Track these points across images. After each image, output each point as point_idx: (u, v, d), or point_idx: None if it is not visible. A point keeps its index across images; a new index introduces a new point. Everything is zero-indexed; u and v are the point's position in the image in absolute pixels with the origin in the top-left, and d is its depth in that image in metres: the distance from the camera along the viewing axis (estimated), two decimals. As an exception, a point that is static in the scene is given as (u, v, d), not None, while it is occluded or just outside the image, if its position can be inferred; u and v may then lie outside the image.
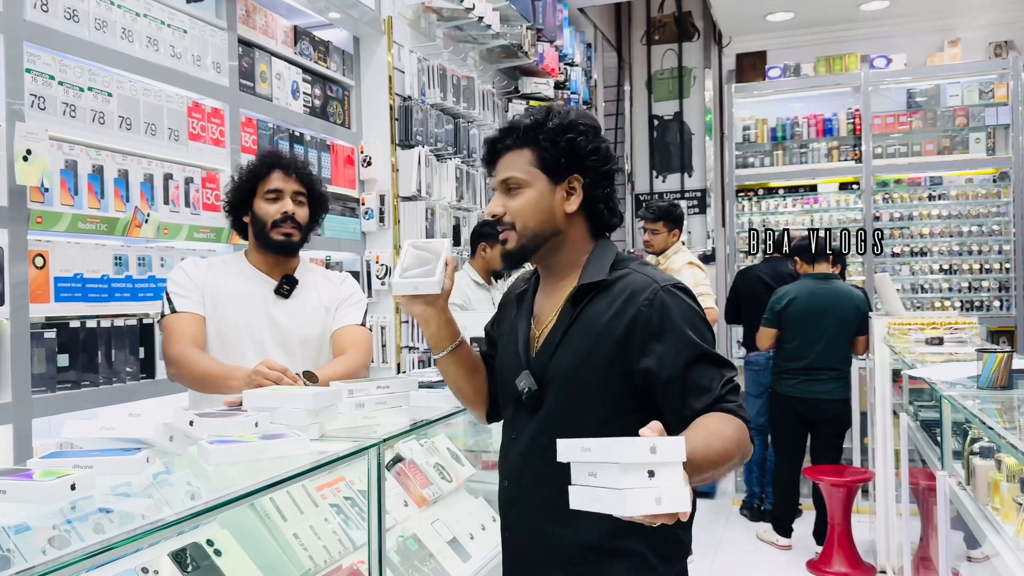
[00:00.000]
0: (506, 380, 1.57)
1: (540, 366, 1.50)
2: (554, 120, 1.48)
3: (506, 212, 1.51)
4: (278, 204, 2.26)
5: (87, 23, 2.60)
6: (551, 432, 1.35)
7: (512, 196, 1.50)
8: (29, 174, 2.29)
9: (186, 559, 1.58)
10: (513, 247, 1.51)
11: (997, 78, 6.98)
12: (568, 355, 1.47)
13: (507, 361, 1.58)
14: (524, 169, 1.49)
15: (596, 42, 7.34)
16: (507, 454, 1.58)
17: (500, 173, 1.52)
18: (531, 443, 1.51)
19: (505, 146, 1.52)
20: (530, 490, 1.53)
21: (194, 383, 2.21)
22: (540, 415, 1.50)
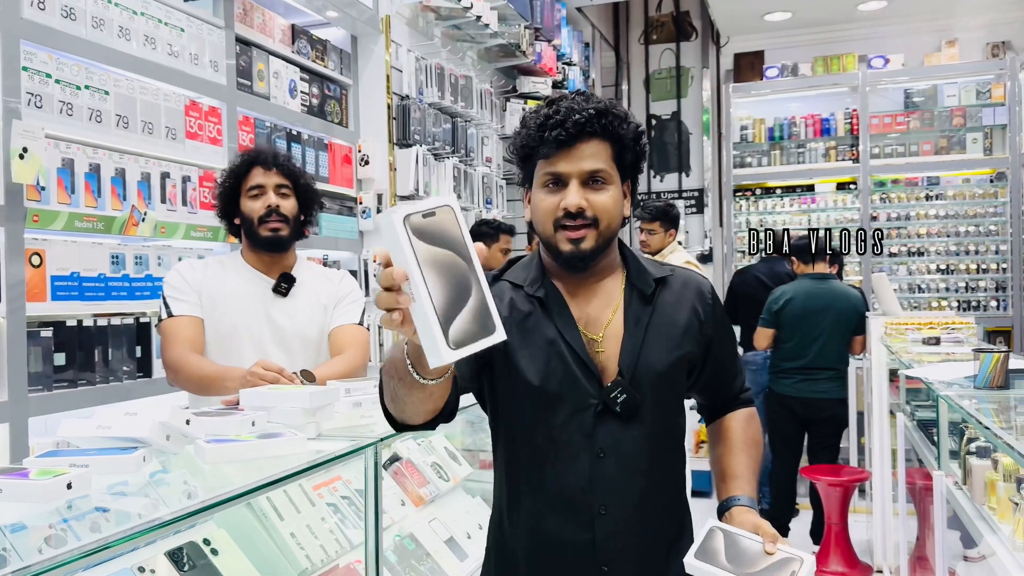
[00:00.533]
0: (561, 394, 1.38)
1: (628, 367, 1.38)
2: (630, 118, 1.40)
3: (590, 207, 1.35)
4: (261, 200, 2.26)
5: (84, 21, 2.59)
6: (648, 440, 1.40)
7: (595, 191, 1.36)
8: (25, 172, 2.28)
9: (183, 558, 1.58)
10: (591, 247, 1.36)
11: (994, 78, 6.99)
12: (658, 352, 1.40)
13: (557, 373, 1.38)
14: (608, 163, 1.37)
15: (594, 41, 7.34)
16: (590, 479, 1.37)
17: (585, 162, 1.35)
18: (631, 457, 1.39)
19: (592, 130, 1.34)
20: (631, 512, 1.39)
21: (192, 387, 2.21)
22: (637, 424, 1.39)
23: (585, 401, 1.38)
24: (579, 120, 1.33)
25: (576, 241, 1.36)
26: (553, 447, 1.39)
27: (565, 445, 1.38)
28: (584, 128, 1.34)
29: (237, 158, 2.36)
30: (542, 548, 1.41)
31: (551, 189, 1.37)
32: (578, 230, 1.35)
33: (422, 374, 1.10)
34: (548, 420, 1.39)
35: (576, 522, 1.38)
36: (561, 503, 1.39)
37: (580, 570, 1.39)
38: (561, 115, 1.34)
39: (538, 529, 1.41)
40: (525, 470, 1.43)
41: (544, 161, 1.37)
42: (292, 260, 2.39)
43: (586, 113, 1.34)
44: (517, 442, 1.44)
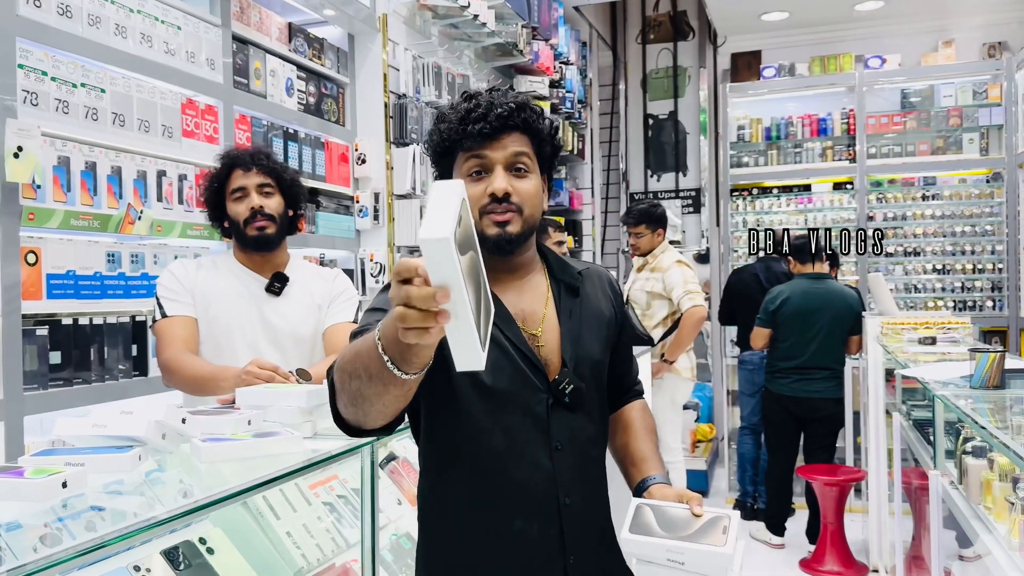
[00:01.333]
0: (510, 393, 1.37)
1: (571, 358, 1.42)
2: (545, 115, 1.44)
3: (515, 193, 1.37)
4: (245, 202, 2.26)
5: (80, 19, 2.58)
6: (592, 427, 1.45)
7: (519, 178, 1.38)
8: (20, 171, 2.27)
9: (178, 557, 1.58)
10: (517, 231, 1.37)
11: (991, 79, 7.00)
12: (591, 341, 1.46)
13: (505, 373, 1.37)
14: (529, 153, 1.40)
15: (591, 41, 7.34)
16: (551, 473, 1.38)
17: (509, 147, 1.37)
18: (583, 446, 1.43)
19: (515, 123, 1.38)
20: (590, 500, 1.44)
21: (187, 387, 2.20)
22: (581, 413, 1.42)
23: (536, 396, 1.39)
24: (501, 113, 1.36)
25: (503, 224, 1.37)
26: (512, 446, 1.38)
27: (524, 443, 1.38)
28: (507, 121, 1.37)
29: (217, 162, 2.36)
30: (509, 548, 1.38)
31: (475, 178, 1.38)
32: (503, 214, 1.36)
33: (405, 370, 1.04)
34: (503, 420, 1.38)
35: (543, 516, 1.39)
36: (527, 500, 1.38)
37: (549, 563, 1.39)
38: (483, 108, 1.37)
39: (505, 531, 1.38)
40: (484, 476, 1.39)
41: (466, 152, 1.39)
42: (284, 259, 2.39)
43: (507, 107, 1.37)
44: (468, 448, 1.39)
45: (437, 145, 1.43)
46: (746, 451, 5.43)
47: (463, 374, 1.17)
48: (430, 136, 1.45)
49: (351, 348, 1.15)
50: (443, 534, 1.44)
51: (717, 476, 6.21)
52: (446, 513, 1.44)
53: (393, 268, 1.03)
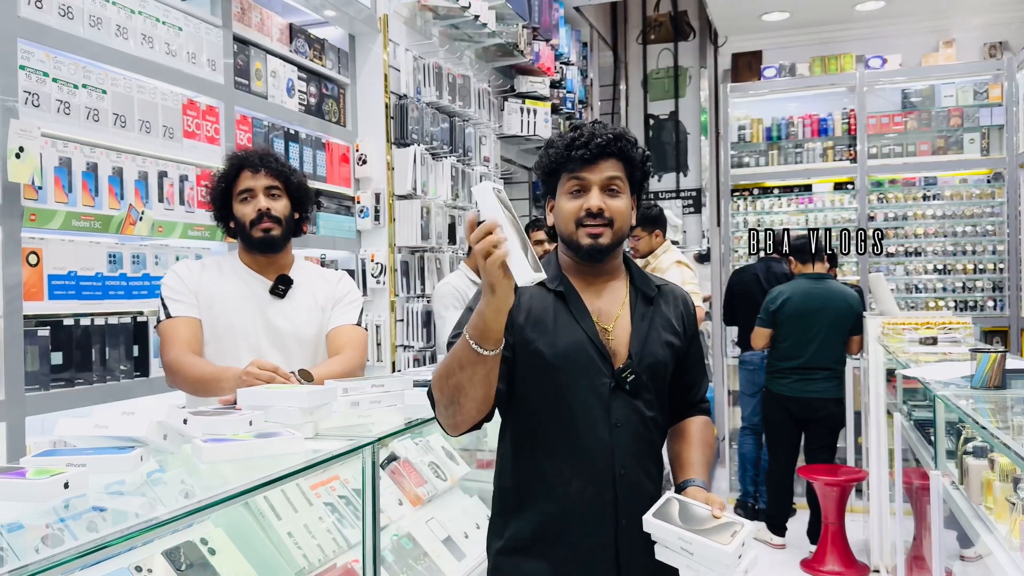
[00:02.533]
0: (579, 375, 1.62)
1: (637, 353, 1.65)
2: (639, 145, 1.70)
3: (608, 209, 1.63)
4: (252, 203, 2.26)
5: (81, 20, 2.59)
6: (651, 412, 1.67)
7: (612, 197, 1.64)
8: (21, 171, 2.28)
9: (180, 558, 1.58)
10: (607, 243, 1.64)
11: (991, 79, 7.00)
12: (657, 343, 1.68)
13: (576, 357, 1.62)
14: (622, 176, 1.66)
15: (592, 41, 7.34)
16: (610, 446, 1.61)
17: (604, 171, 1.63)
18: (639, 427, 1.65)
19: (611, 151, 1.64)
20: (640, 472, 1.65)
21: (189, 388, 2.21)
22: (640, 400, 1.65)
23: (600, 379, 1.62)
24: (600, 142, 1.63)
25: (595, 236, 1.63)
26: (577, 419, 1.62)
27: (587, 417, 1.62)
28: (604, 149, 1.63)
29: (226, 162, 2.36)
30: (569, 510, 1.61)
31: (575, 195, 1.65)
32: (597, 227, 1.63)
33: (486, 347, 1.42)
34: (571, 396, 1.62)
35: (600, 482, 1.61)
36: (587, 466, 1.61)
37: (603, 524, 1.61)
38: (586, 137, 1.63)
39: (559, 492, 1.61)
40: (549, 441, 1.63)
41: (569, 174, 1.65)
42: (289, 260, 2.39)
43: (606, 136, 1.63)
44: (541, 416, 1.64)
45: (546, 167, 1.70)
46: (747, 451, 5.43)
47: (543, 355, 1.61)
48: (540, 158, 1.72)
49: (447, 355, 1.51)
50: (514, 491, 1.67)
51: (718, 476, 6.21)
52: (519, 474, 1.67)
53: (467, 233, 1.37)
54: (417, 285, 4.41)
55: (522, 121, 5.58)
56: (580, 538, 1.62)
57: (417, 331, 4.33)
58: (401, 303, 4.25)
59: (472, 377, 1.46)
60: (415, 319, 4.34)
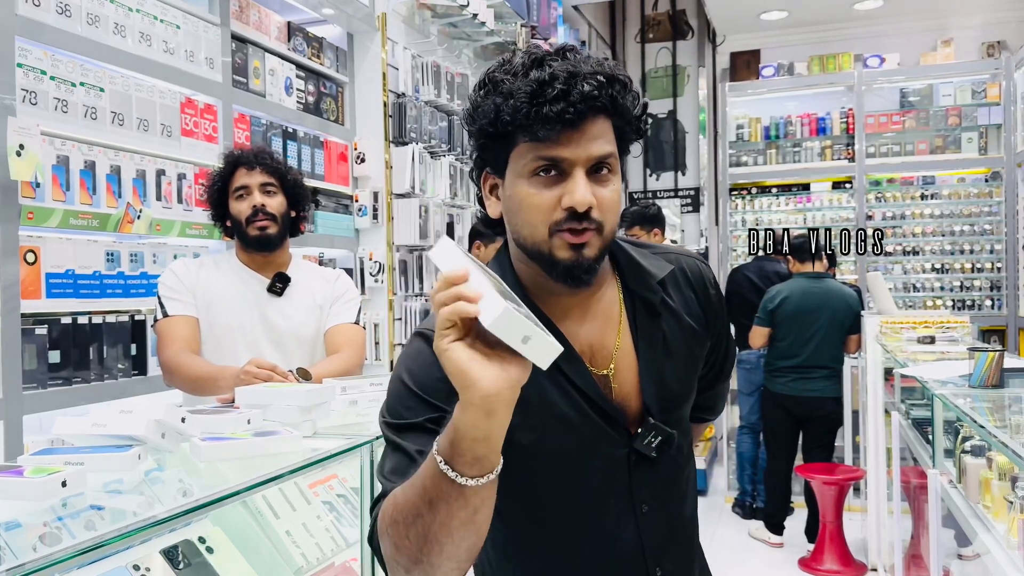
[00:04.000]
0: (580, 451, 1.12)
1: (653, 399, 1.13)
2: (632, 85, 1.07)
3: (598, 205, 1.04)
4: (247, 200, 2.26)
5: (79, 18, 2.58)
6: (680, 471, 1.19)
7: (601, 184, 1.05)
8: (22, 169, 2.27)
9: (178, 556, 1.57)
10: (595, 255, 1.06)
11: (989, 78, 7.01)
12: (677, 372, 1.17)
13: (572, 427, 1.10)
14: (613, 147, 1.06)
15: (590, 40, 7.34)
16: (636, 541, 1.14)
17: (593, 141, 1.02)
18: (674, 505, 1.19)
19: (602, 105, 1.02)
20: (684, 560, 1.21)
21: (187, 387, 2.20)
22: (667, 461, 1.16)
23: (614, 453, 1.13)
24: (589, 92, 1.00)
25: (579, 247, 1.04)
26: (590, 518, 1.14)
27: (604, 512, 1.13)
28: (594, 102, 1.01)
29: (220, 160, 2.36)
30: None
31: (544, 180, 1.04)
32: (582, 234, 1.03)
33: (461, 471, 0.86)
34: (576, 489, 1.13)
35: None
36: (613, 569, 1.15)
37: None
38: (562, 82, 0.99)
39: None
40: (555, 554, 1.15)
41: (534, 143, 1.02)
42: (286, 259, 2.39)
43: (595, 80, 1.00)
44: (536, 526, 1.15)
45: (489, 125, 1.05)
46: (745, 450, 5.43)
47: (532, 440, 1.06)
48: (475, 110, 1.09)
49: (404, 488, 0.93)
50: None
51: (716, 475, 6.21)
52: None
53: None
54: (415, 284, 4.41)
55: (520, 120, 5.57)
56: None
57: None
58: (399, 302, 4.25)
59: (449, 521, 0.88)
60: (413, 318, 4.33)
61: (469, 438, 0.85)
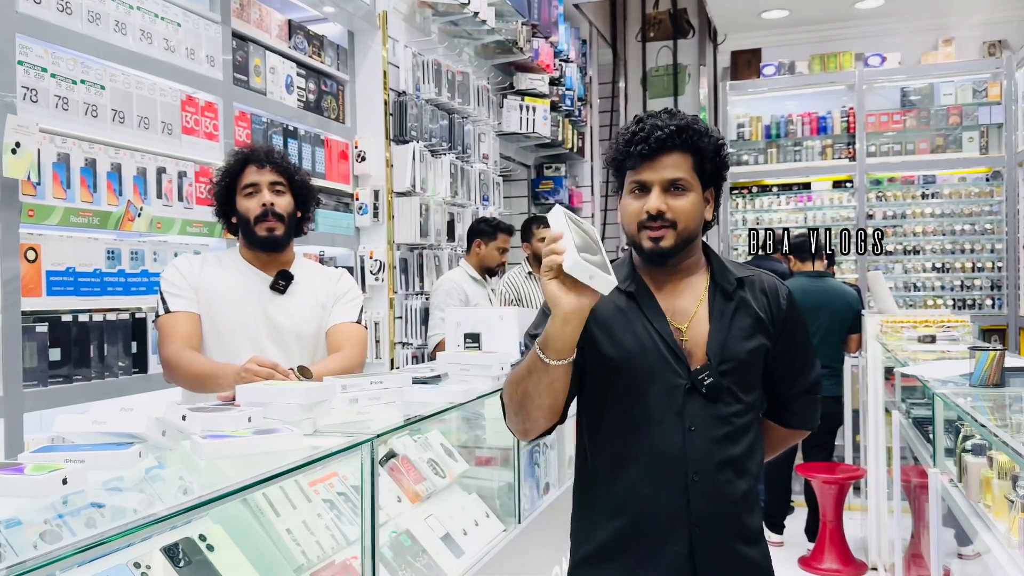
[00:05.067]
0: (652, 375, 1.55)
1: (715, 354, 1.55)
2: (711, 133, 1.58)
3: (669, 210, 1.54)
4: (256, 198, 2.26)
5: (80, 15, 2.58)
6: (732, 418, 1.56)
7: (675, 196, 1.55)
8: (17, 167, 2.27)
9: (178, 554, 1.57)
10: (670, 245, 1.55)
11: (990, 77, 7.01)
12: (739, 342, 1.58)
13: (649, 357, 1.56)
14: (688, 172, 1.55)
15: (591, 38, 7.34)
16: (683, 449, 1.53)
17: (665, 171, 1.54)
18: (716, 432, 1.55)
19: (673, 144, 1.54)
20: (719, 480, 1.55)
21: (187, 384, 2.20)
22: (721, 403, 1.55)
23: (674, 382, 1.55)
24: (660, 136, 1.52)
25: (656, 239, 1.55)
26: (648, 420, 1.55)
27: (659, 420, 1.54)
28: (665, 143, 1.53)
29: (231, 156, 2.35)
30: (642, 513, 1.55)
31: (637, 195, 1.57)
32: (657, 230, 1.54)
33: (547, 355, 1.42)
34: (642, 396, 1.55)
35: (671, 488, 1.54)
36: (656, 471, 1.54)
37: (675, 533, 1.54)
38: (645, 132, 1.54)
39: (634, 495, 1.56)
40: (622, 443, 1.58)
41: (631, 171, 1.57)
42: (290, 257, 2.39)
43: (668, 129, 1.53)
44: (612, 419, 1.59)
45: (611, 162, 1.63)
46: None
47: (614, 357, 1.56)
48: (607, 151, 1.64)
49: (517, 367, 1.53)
50: (588, 495, 1.64)
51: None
52: (592, 477, 1.63)
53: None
54: (416, 282, 4.41)
55: (521, 118, 5.58)
56: (654, 547, 1.55)
57: (416, 328, 4.33)
58: (400, 300, 4.25)
59: (537, 385, 1.45)
60: (414, 316, 4.33)
61: (554, 337, 1.41)
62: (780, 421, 1.75)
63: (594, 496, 1.62)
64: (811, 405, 1.74)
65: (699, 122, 1.58)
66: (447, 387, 2.17)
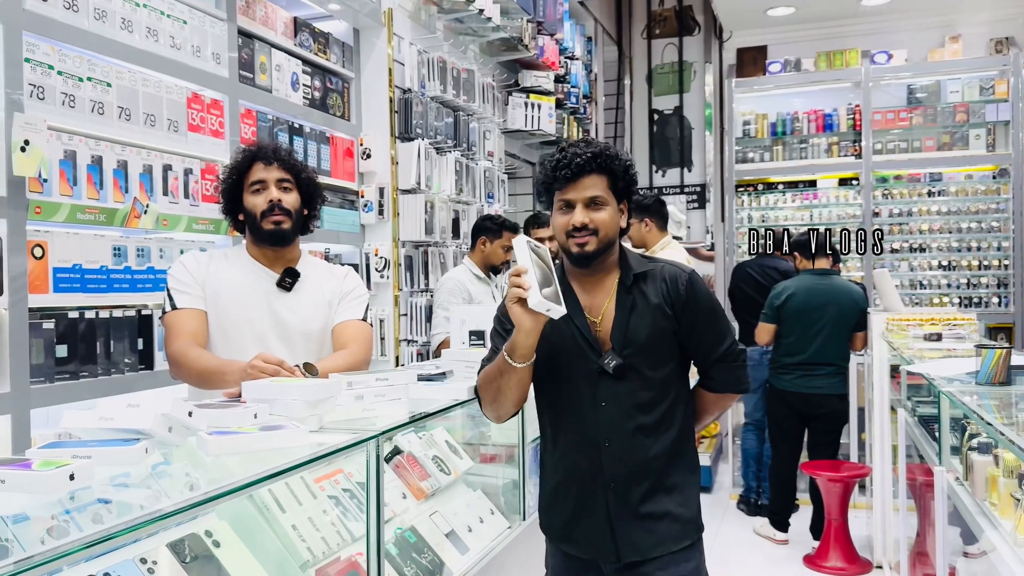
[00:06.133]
0: (573, 363, 1.87)
1: (618, 341, 1.85)
2: (621, 156, 1.89)
3: (591, 222, 1.84)
4: (263, 195, 2.26)
5: (86, 13, 2.59)
6: (639, 392, 1.87)
7: (596, 210, 1.85)
8: (26, 165, 2.28)
9: (184, 550, 1.58)
10: (593, 249, 1.85)
11: (998, 74, 6.98)
12: (641, 328, 1.86)
13: (570, 348, 1.88)
14: (604, 190, 1.85)
15: (596, 36, 7.33)
16: (596, 422, 1.86)
17: (587, 190, 1.84)
18: (624, 406, 1.85)
19: (591, 168, 1.83)
20: (628, 446, 1.86)
21: (193, 380, 2.20)
22: (627, 381, 1.85)
23: (589, 366, 1.87)
24: (579, 162, 1.83)
25: (582, 245, 1.85)
26: (571, 400, 1.89)
27: (579, 399, 1.88)
28: (584, 167, 1.83)
29: (238, 154, 2.36)
30: (570, 473, 1.91)
31: (564, 211, 1.86)
32: (583, 238, 1.85)
33: (516, 360, 1.75)
34: (568, 381, 1.89)
35: (589, 453, 1.88)
36: (579, 439, 1.89)
37: (595, 488, 1.88)
38: (567, 158, 1.84)
39: (565, 459, 1.92)
40: (556, 418, 1.94)
41: (558, 192, 1.87)
42: (296, 254, 2.39)
43: (585, 155, 1.83)
44: (550, 399, 1.94)
45: (540, 185, 1.94)
46: (750, 447, 5.42)
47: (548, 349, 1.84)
48: (536, 177, 1.95)
49: (488, 365, 1.86)
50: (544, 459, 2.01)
51: (721, 472, 6.21)
52: (544, 444, 2.00)
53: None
54: (421, 279, 4.41)
55: (526, 116, 5.57)
56: (579, 499, 1.90)
57: (421, 325, 4.34)
58: (405, 297, 4.25)
59: (508, 382, 1.80)
60: (419, 313, 4.34)
61: (520, 346, 1.75)
62: (706, 387, 2.00)
63: (545, 459, 2.00)
64: (730, 372, 1.96)
65: (611, 148, 1.88)
66: (452, 384, 2.18)
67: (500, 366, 1.79)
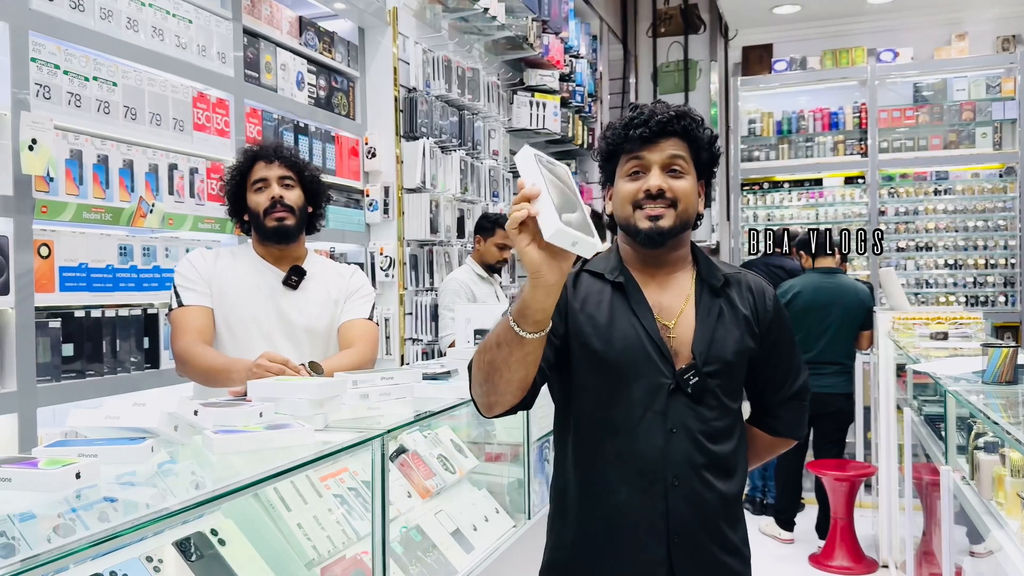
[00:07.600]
0: (634, 372, 1.48)
1: (701, 354, 1.49)
2: (706, 124, 1.56)
3: (670, 190, 1.48)
4: (266, 192, 2.27)
5: (92, 12, 2.59)
6: (715, 422, 1.50)
7: (676, 177, 1.49)
8: (34, 164, 2.29)
9: (190, 548, 1.58)
10: (669, 225, 1.48)
11: (1004, 72, 6.96)
12: (726, 343, 1.52)
13: (634, 353, 1.48)
14: (685, 157, 1.51)
15: (601, 34, 7.32)
16: (664, 452, 1.47)
17: (666, 150, 1.49)
18: (700, 435, 1.49)
19: (673, 129, 1.49)
20: (699, 485, 1.48)
21: (199, 378, 2.21)
22: (704, 406, 1.49)
23: (658, 380, 1.48)
24: (661, 119, 1.48)
25: (655, 218, 1.48)
26: (628, 420, 1.48)
27: (640, 419, 1.48)
28: (665, 127, 1.48)
29: (240, 155, 2.37)
30: (614, 517, 1.49)
31: (634, 177, 1.50)
32: (658, 208, 1.47)
33: (521, 327, 1.27)
34: (625, 395, 1.48)
35: (650, 492, 1.47)
36: (635, 473, 1.48)
37: (653, 537, 1.47)
38: (645, 115, 1.49)
39: (609, 497, 1.49)
40: (599, 443, 1.50)
41: (627, 155, 1.51)
42: (303, 253, 2.40)
43: (667, 114, 1.49)
44: (592, 415, 1.52)
45: (604, 151, 1.56)
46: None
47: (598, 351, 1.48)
48: (598, 143, 1.57)
49: (487, 337, 1.38)
50: (562, 495, 1.57)
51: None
52: (566, 476, 1.56)
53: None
54: (426, 279, 4.41)
55: (531, 115, 5.57)
56: (628, 553, 1.48)
57: (426, 324, 4.34)
58: (410, 296, 4.25)
59: (508, 357, 1.31)
60: (424, 312, 4.34)
61: (534, 308, 1.25)
62: (765, 428, 1.68)
63: (568, 493, 1.55)
64: (798, 413, 1.69)
65: (694, 111, 1.55)
66: (457, 383, 2.18)
67: (502, 335, 1.31)
